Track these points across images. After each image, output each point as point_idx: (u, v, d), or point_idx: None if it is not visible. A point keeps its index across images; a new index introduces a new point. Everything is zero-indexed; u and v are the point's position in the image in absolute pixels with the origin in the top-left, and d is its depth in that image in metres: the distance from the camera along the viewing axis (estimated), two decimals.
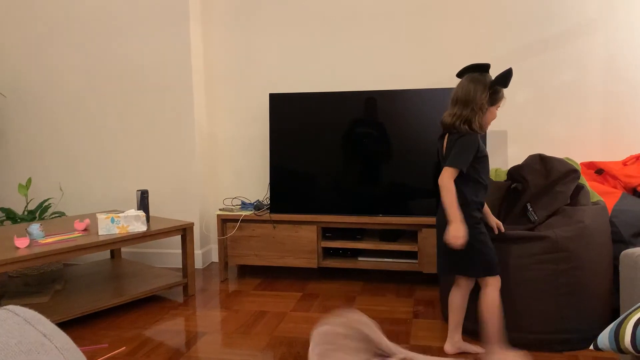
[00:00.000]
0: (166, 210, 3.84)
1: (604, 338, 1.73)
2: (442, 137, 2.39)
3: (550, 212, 2.58)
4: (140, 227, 3.11)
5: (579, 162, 3.33)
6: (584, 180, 2.79)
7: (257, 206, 3.69)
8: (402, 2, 3.73)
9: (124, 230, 3.07)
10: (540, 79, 3.61)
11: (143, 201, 3.37)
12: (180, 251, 3.48)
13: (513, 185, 2.91)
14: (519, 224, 2.69)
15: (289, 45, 3.91)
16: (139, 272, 3.54)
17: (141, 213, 3.15)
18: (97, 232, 3.03)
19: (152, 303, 3.22)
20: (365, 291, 3.41)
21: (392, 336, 2.69)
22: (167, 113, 3.90)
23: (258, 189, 3.93)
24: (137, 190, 3.39)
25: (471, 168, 2.28)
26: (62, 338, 0.79)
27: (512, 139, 3.67)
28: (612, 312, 2.54)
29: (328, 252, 3.63)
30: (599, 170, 3.15)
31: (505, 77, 2.26)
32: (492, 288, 2.31)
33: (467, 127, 2.25)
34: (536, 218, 2.62)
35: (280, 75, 3.93)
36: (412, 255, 3.45)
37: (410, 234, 3.51)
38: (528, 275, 2.46)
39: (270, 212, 3.61)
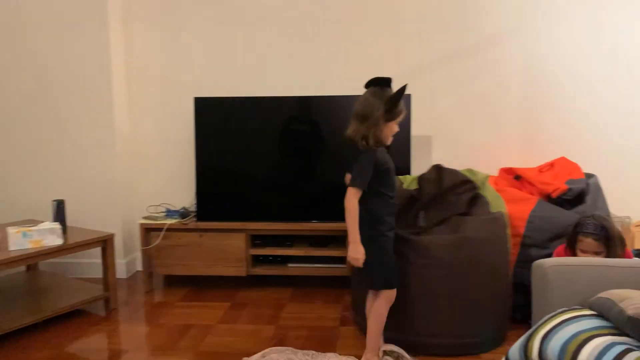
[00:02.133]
0: (86, 219, 3.66)
1: (515, 351, 1.79)
2: (351, 150, 2.42)
3: (439, 220, 2.66)
4: (56, 241, 2.95)
5: (498, 167, 3.46)
6: (489, 189, 2.84)
7: (183, 214, 3.58)
8: (328, 9, 3.72)
9: (37, 245, 2.90)
10: (461, 86, 3.70)
11: (59, 212, 3.20)
12: (100, 260, 3.30)
13: (410, 194, 2.96)
14: (411, 230, 2.75)
15: (216, 47, 3.81)
16: (57, 285, 3.37)
17: (56, 225, 2.99)
18: (8, 247, 2.85)
19: (71, 319, 3.07)
20: (294, 298, 3.40)
21: (319, 345, 2.70)
22: (85, 116, 3.71)
23: (184, 195, 3.82)
24: (53, 200, 3.22)
25: (374, 182, 2.32)
26: None
27: (435, 144, 3.75)
28: (504, 317, 2.66)
29: (257, 259, 3.58)
30: (518, 177, 3.27)
31: (398, 95, 2.29)
32: (384, 301, 2.42)
33: (364, 142, 2.29)
34: (423, 225, 2.71)
35: (207, 77, 3.82)
36: (341, 260, 3.46)
37: (339, 240, 3.52)
38: (410, 278, 2.55)
39: (197, 220, 3.52)
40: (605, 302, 1.68)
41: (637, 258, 2.39)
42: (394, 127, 2.34)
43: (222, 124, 3.56)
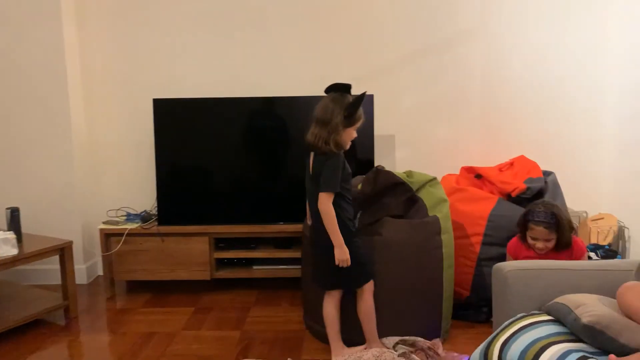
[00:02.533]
0: (43, 225, 3.53)
1: (476, 357, 1.82)
2: (309, 154, 2.48)
3: (371, 221, 2.68)
4: (10, 251, 2.85)
5: (460, 166, 3.50)
6: (435, 192, 2.83)
7: (144, 218, 3.51)
8: (291, 8, 3.67)
9: None
10: (424, 85, 3.72)
11: (13, 220, 3.08)
12: (59, 266, 3.21)
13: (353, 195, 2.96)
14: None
15: (176, 46, 3.72)
16: (14, 295, 3.25)
17: (10, 235, 2.89)
18: None
19: (29, 329, 2.97)
20: (260, 301, 3.38)
21: (286, 350, 2.70)
22: (40, 118, 3.58)
23: (145, 198, 3.73)
24: (7, 209, 3.10)
25: (340, 187, 2.38)
26: None
27: (399, 142, 3.77)
28: (436, 320, 2.69)
29: (222, 263, 3.54)
30: (478, 175, 3.32)
31: (357, 102, 2.36)
32: (368, 293, 2.50)
33: (328, 146, 2.33)
34: (356, 225, 2.73)
35: (166, 77, 3.73)
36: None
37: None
38: None
39: (159, 224, 3.45)
40: (561, 308, 1.72)
41: (593, 257, 2.45)
42: (352, 133, 2.40)
43: (183, 125, 3.50)
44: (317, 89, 3.56)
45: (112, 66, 3.76)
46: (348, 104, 2.33)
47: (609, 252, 3.26)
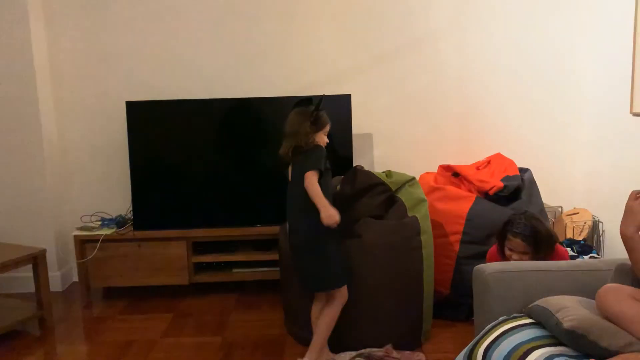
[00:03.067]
0: (14, 232, 3.44)
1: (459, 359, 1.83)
2: (287, 166, 2.56)
3: (352, 221, 2.67)
4: None
5: (438, 164, 3.51)
6: (413, 192, 2.83)
7: (120, 222, 3.44)
8: (265, 8, 3.62)
9: None
10: (400, 84, 3.72)
11: None
12: (32, 274, 3.12)
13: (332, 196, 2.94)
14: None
15: (148, 46, 3.64)
16: None
17: None
18: None
19: (3, 341, 2.88)
20: (240, 305, 3.35)
21: (267, 355, 2.68)
22: (9, 124, 3.47)
23: (119, 202, 3.65)
24: None
25: (320, 180, 2.40)
26: None
27: (377, 141, 3.77)
28: (417, 320, 2.70)
29: (200, 266, 3.50)
30: (456, 174, 3.34)
31: (318, 105, 2.48)
32: (338, 301, 2.47)
33: (307, 139, 2.43)
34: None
35: (138, 78, 3.65)
36: None
37: None
38: None
39: (135, 229, 3.39)
40: (542, 312, 1.74)
41: (572, 260, 2.47)
42: (323, 138, 2.51)
43: (157, 128, 3.43)
44: (292, 90, 3.59)
45: (82, 68, 3.66)
46: (311, 111, 2.45)
47: (585, 247, 3.31)
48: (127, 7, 3.61)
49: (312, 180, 2.37)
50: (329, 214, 2.34)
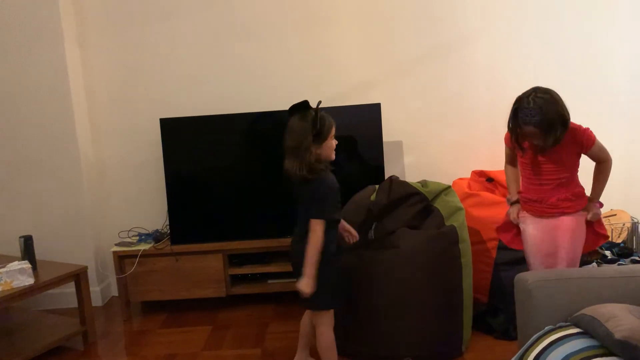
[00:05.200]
0: (55, 251, 3.52)
1: None
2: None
3: (388, 232, 2.67)
4: (27, 281, 2.84)
5: (470, 170, 3.49)
6: (450, 201, 2.82)
7: (157, 237, 3.50)
8: (294, 19, 3.65)
9: (7, 287, 2.78)
10: (430, 90, 3.71)
11: (27, 249, 3.07)
12: (74, 289, 3.16)
13: (368, 206, 2.90)
14: (361, 240, 2.73)
15: (179, 64, 3.71)
16: (31, 323, 3.24)
17: (26, 265, 2.88)
18: None
19: (49, 357, 2.95)
20: (277, 315, 3.37)
21: None
22: (47, 144, 3.57)
23: (156, 217, 3.72)
24: (20, 237, 3.08)
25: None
26: None
27: (407, 148, 3.76)
28: (457, 331, 2.68)
29: (236, 279, 3.54)
30: (490, 179, 3.31)
31: (316, 117, 2.24)
32: (326, 327, 2.39)
33: (302, 173, 2.24)
34: (371, 237, 2.73)
35: (171, 96, 3.72)
36: None
37: None
38: (355, 293, 2.63)
39: (172, 244, 3.44)
40: (590, 321, 1.71)
41: (617, 266, 2.42)
42: (331, 144, 2.31)
43: (191, 143, 3.48)
44: (326, 99, 3.57)
45: (116, 88, 3.75)
46: (312, 123, 2.24)
47: (624, 249, 3.25)
48: (158, 27, 3.68)
49: (316, 231, 2.24)
50: (305, 289, 2.22)
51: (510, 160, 2.66)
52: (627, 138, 3.59)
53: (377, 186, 2.98)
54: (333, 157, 2.35)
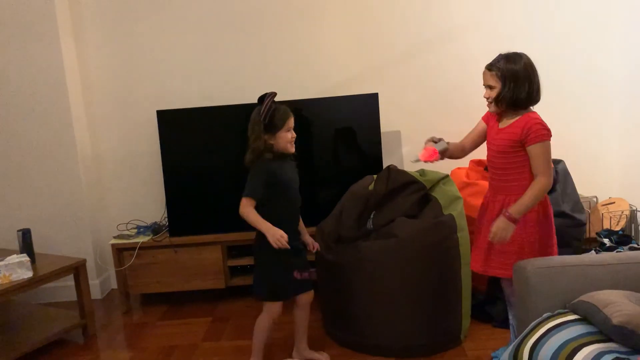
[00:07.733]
0: (54, 243, 3.53)
1: (504, 357, 1.81)
2: None
3: (387, 221, 2.68)
4: (25, 274, 2.85)
5: (469, 159, 3.47)
6: (448, 190, 2.81)
7: (155, 230, 3.50)
8: (290, 10, 3.64)
9: (6, 280, 2.79)
10: (427, 79, 3.70)
11: (25, 242, 3.07)
12: (73, 282, 3.16)
13: (366, 195, 2.91)
14: (360, 230, 2.78)
15: (175, 55, 3.70)
16: (28, 315, 3.25)
17: (25, 258, 2.88)
18: None
19: (49, 350, 2.97)
20: None
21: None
22: (45, 138, 3.57)
23: (154, 209, 3.72)
24: (18, 231, 3.08)
25: (269, 193, 2.36)
26: None
27: (405, 138, 3.75)
28: (455, 319, 2.68)
29: (235, 270, 3.54)
30: (487, 168, 3.30)
31: (264, 108, 2.35)
32: (267, 315, 2.50)
33: (250, 157, 2.36)
34: (369, 226, 2.73)
35: (167, 87, 3.72)
36: None
37: None
38: (352, 281, 2.65)
39: (170, 236, 3.44)
40: (588, 308, 1.72)
41: (614, 253, 2.41)
42: (286, 136, 2.37)
43: (188, 134, 3.48)
44: (322, 91, 3.60)
45: (112, 80, 3.74)
46: (263, 114, 2.33)
47: (623, 237, 3.25)
48: (154, 20, 3.66)
49: (244, 209, 2.34)
50: (275, 237, 2.27)
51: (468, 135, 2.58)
52: (625, 124, 3.59)
53: (375, 176, 2.97)
54: (291, 149, 2.42)
